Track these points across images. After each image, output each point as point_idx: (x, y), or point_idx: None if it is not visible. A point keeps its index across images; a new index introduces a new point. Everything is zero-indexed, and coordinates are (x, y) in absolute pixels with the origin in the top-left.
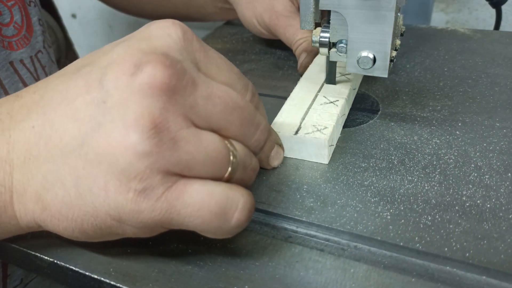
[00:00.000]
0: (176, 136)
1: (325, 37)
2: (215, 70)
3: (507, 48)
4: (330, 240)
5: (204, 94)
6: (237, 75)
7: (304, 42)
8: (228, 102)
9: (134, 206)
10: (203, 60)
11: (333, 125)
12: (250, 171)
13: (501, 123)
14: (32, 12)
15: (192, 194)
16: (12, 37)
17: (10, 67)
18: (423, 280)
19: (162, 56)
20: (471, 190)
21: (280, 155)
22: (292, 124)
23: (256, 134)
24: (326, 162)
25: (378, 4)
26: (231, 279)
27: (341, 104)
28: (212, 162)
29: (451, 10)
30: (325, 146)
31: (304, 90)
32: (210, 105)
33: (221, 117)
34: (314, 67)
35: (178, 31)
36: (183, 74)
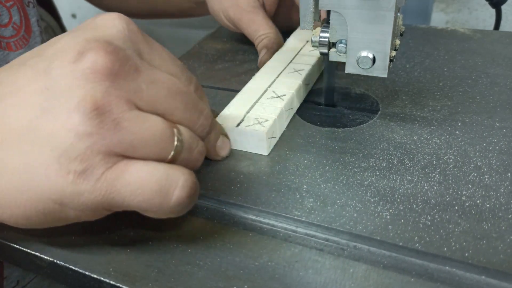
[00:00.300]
0: (118, 117)
1: (324, 37)
2: (158, 61)
3: (507, 48)
4: (329, 240)
5: (147, 80)
6: (181, 68)
7: (265, 39)
8: (172, 87)
9: (74, 188)
10: (147, 51)
11: (274, 118)
12: (196, 154)
13: (501, 123)
14: (31, 12)
15: (132, 173)
16: (10, 38)
17: None
18: (422, 280)
19: (105, 43)
20: (470, 190)
21: (226, 145)
22: (236, 117)
23: (200, 119)
24: (266, 154)
25: (378, 4)
26: (231, 279)
27: (287, 98)
28: (156, 142)
29: (451, 10)
30: (263, 138)
31: (256, 85)
32: (153, 89)
33: (165, 101)
34: (272, 62)
35: (122, 22)
36: (126, 60)
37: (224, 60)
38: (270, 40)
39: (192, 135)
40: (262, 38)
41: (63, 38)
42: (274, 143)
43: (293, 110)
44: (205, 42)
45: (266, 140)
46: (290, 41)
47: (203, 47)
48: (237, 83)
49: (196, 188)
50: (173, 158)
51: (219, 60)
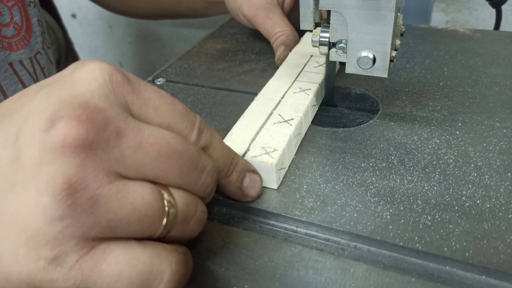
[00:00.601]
0: (95, 194)
1: (325, 37)
2: (152, 112)
3: (507, 48)
4: (329, 240)
5: (132, 144)
6: (180, 114)
7: (282, 36)
8: (163, 148)
9: (46, 274)
10: (136, 103)
11: (283, 147)
12: (194, 223)
13: (501, 123)
14: (32, 12)
15: (110, 263)
16: (11, 38)
17: (9, 68)
18: (422, 280)
19: (78, 108)
20: (471, 190)
21: (256, 183)
22: (240, 146)
23: (201, 178)
24: (275, 187)
25: (378, 4)
26: (231, 279)
27: (295, 123)
28: (140, 218)
29: (451, 10)
30: (272, 170)
31: (259, 107)
32: (140, 154)
33: (155, 166)
34: (274, 80)
35: (104, 72)
36: (104, 126)
37: (224, 60)
38: (287, 37)
39: (189, 202)
40: (279, 35)
41: (38, 95)
42: (283, 174)
43: (302, 135)
44: (205, 42)
45: (275, 173)
46: (292, 56)
47: (203, 47)
48: (237, 83)
49: (187, 274)
50: (164, 233)
51: (219, 60)
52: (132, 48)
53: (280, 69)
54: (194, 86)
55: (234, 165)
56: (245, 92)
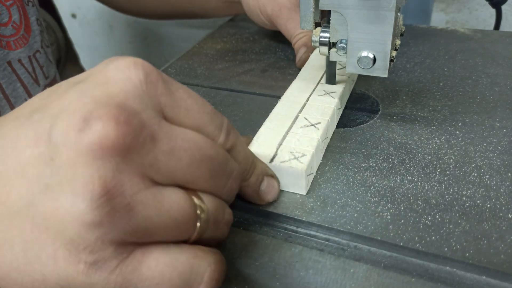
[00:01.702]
0: (132, 201)
1: (325, 37)
2: (183, 113)
3: (507, 48)
4: (330, 240)
5: (166, 149)
6: (210, 115)
7: (304, 37)
8: (195, 154)
9: (86, 278)
10: (169, 104)
11: (312, 152)
12: (223, 226)
13: (501, 123)
14: (30, 11)
15: (150, 265)
16: (10, 37)
17: (8, 66)
18: (423, 280)
19: (116, 109)
20: (471, 190)
21: (273, 188)
22: (268, 151)
23: (228, 182)
24: (304, 193)
25: (378, 4)
26: (231, 279)
27: (322, 127)
28: (176, 224)
29: (451, 10)
30: (302, 176)
31: (284, 110)
32: (173, 160)
33: (187, 171)
34: (298, 82)
35: (139, 73)
36: (140, 129)
37: (224, 60)
38: (309, 38)
39: (218, 205)
40: (301, 36)
41: (70, 91)
42: (311, 179)
43: (328, 139)
44: (205, 42)
45: (305, 178)
46: (314, 58)
47: (203, 47)
48: (237, 83)
49: (224, 275)
50: (198, 236)
51: (219, 60)
52: (132, 48)
53: (303, 71)
54: (194, 86)
55: (253, 168)
56: (245, 92)
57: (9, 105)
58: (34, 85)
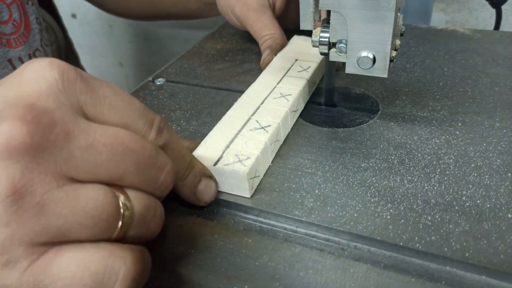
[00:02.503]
0: (43, 199)
1: (325, 37)
2: (107, 110)
3: (507, 48)
4: (330, 240)
5: (82, 145)
6: (138, 111)
7: (270, 39)
8: (117, 147)
9: (1, 279)
10: (90, 102)
11: (257, 154)
12: (153, 224)
13: (501, 123)
14: (30, 10)
15: (61, 265)
16: (10, 35)
17: (8, 64)
18: (423, 280)
19: (23, 109)
20: (471, 190)
21: (211, 189)
22: (214, 153)
23: (161, 177)
24: (248, 196)
25: (378, 4)
26: (231, 279)
27: (272, 130)
28: (94, 222)
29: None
30: (244, 179)
31: (237, 112)
32: (92, 155)
33: (109, 166)
34: (256, 85)
35: (54, 72)
36: (50, 127)
37: (224, 60)
38: (274, 40)
39: (148, 203)
40: (267, 38)
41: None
42: (258, 182)
43: (280, 142)
44: (205, 42)
45: (247, 181)
46: (277, 60)
47: (203, 47)
48: (237, 83)
49: (143, 271)
50: (120, 235)
51: (219, 60)
52: (132, 48)
53: (263, 74)
54: (194, 86)
55: (190, 168)
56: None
57: None
58: None
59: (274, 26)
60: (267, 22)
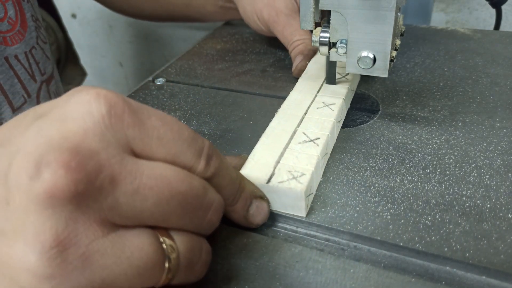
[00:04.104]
0: (87, 250)
1: (325, 37)
2: (155, 144)
3: (507, 48)
4: (330, 240)
5: (128, 190)
6: (187, 142)
7: (301, 44)
8: (164, 191)
9: None
10: (138, 136)
11: (311, 170)
12: (200, 268)
13: (501, 123)
14: (26, 7)
15: None
16: (6, 32)
17: (5, 62)
18: (423, 280)
19: (68, 154)
20: (471, 190)
21: (262, 210)
22: (265, 170)
23: (207, 216)
24: (304, 215)
25: (378, 4)
26: (231, 279)
27: (322, 142)
28: (139, 272)
29: (451, 10)
30: (302, 197)
31: (281, 124)
32: (137, 201)
33: (155, 211)
34: (295, 93)
35: (101, 107)
36: (96, 173)
37: (224, 60)
38: (306, 46)
39: (194, 245)
40: (298, 43)
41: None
42: (311, 200)
43: (328, 155)
44: (205, 42)
45: (304, 199)
46: (312, 67)
47: (203, 47)
48: (237, 83)
49: None
50: (165, 283)
51: (219, 60)
52: (132, 48)
53: (300, 81)
54: (194, 86)
55: (240, 192)
56: (245, 92)
57: (7, 101)
58: (30, 81)
59: (305, 31)
60: (297, 27)
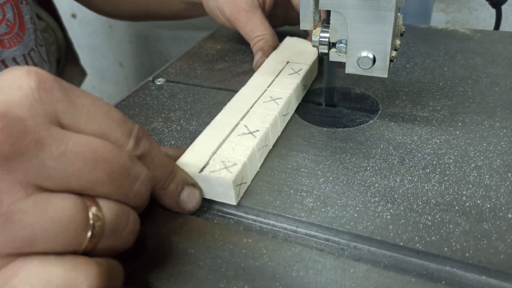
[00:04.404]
0: (9, 210)
1: (325, 37)
2: (84, 120)
3: (507, 48)
4: (330, 240)
5: (55, 154)
6: (116, 121)
7: (261, 40)
8: (89, 156)
9: None
10: (67, 111)
11: (244, 161)
12: (127, 234)
13: (501, 123)
14: (24, 10)
15: (22, 278)
16: (4, 35)
17: (1, 65)
18: (423, 280)
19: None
20: (471, 190)
21: (194, 197)
22: (201, 160)
23: (134, 187)
24: (234, 203)
25: (378, 4)
26: (231, 279)
27: (260, 135)
28: (61, 233)
29: (451, 10)
30: (230, 186)
31: (227, 117)
32: (63, 164)
33: (80, 175)
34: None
35: (31, 81)
36: (22, 135)
37: (224, 60)
38: (266, 42)
39: (120, 213)
40: (259, 39)
41: None
42: (244, 188)
43: (268, 147)
44: (205, 42)
45: (233, 188)
46: (268, 63)
47: (203, 47)
48: (237, 83)
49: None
50: (89, 248)
51: (219, 60)
52: (132, 48)
53: (254, 77)
54: (194, 86)
55: (172, 177)
56: None
57: None
58: None
59: (265, 27)
60: (258, 23)
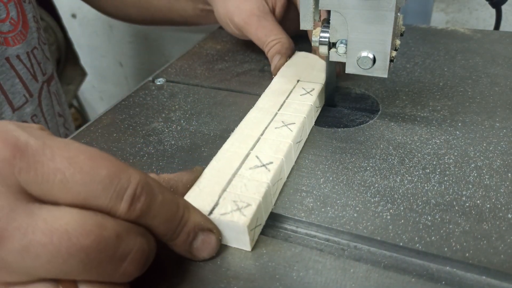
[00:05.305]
0: None
1: (325, 37)
2: (57, 188)
3: (507, 48)
4: (330, 240)
5: (16, 248)
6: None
7: (277, 44)
8: (61, 248)
9: None
10: (34, 181)
11: (258, 200)
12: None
13: (501, 123)
14: (27, 8)
15: None
16: (8, 33)
17: (6, 62)
18: (423, 280)
19: None
20: (471, 190)
21: (209, 244)
22: (209, 199)
23: (121, 268)
24: (249, 249)
25: (378, 4)
26: (231, 279)
27: (274, 168)
28: None
29: (451, 10)
30: (245, 231)
31: (235, 146)
32: (28, 259)
33: (50, 269)
34: (255, 111)
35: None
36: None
37: (224, 60)
38: (283, 45)
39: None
40: (274, 43)
41: None
42: (259, 231)
43: (283, 180)
44: (205, 42)
45: (248, 234)
46: (277, 81)
47: (203, 47)
48: (237, 83)
49: None
50: None
51: (219, 60)
52: (132, 48)
53: (263, 97)
54: (194, 86)
55: (182, 226)
56: (245, 92)
57: (7, 101)
58: (32, 81)
59: (279, 31)
60: (271, 27)
